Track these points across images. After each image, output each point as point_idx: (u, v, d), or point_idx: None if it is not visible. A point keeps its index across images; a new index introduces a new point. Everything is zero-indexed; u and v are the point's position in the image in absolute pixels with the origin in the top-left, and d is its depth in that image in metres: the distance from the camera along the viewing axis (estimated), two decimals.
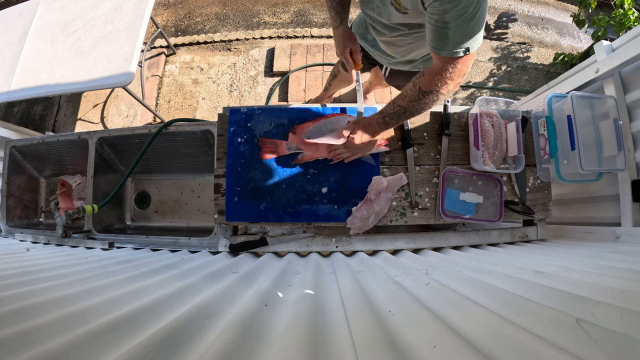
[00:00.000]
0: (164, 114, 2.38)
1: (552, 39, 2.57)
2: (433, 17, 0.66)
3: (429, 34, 0.71)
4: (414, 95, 0.79)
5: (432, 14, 0.66)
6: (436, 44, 0.69)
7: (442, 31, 0.66)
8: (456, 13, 0.63)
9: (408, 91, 0.81)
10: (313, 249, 1.07)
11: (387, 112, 0.88)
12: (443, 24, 0.65)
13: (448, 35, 0.66)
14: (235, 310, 0.54)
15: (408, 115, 0.86)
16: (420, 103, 0.80)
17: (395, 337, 0.45)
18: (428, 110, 0.83)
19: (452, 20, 0.64)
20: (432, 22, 0.67)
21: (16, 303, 0.52)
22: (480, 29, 0.67)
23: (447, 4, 0.62)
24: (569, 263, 0.73)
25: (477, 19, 0.64)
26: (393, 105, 0.86)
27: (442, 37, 0.67)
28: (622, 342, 0.35)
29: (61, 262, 0.91)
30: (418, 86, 0.78)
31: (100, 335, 0.43)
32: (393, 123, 0.90)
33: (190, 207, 1.66)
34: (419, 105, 0.81)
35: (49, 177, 1.75)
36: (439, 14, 0.64)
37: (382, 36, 0.97)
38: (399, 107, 0.85)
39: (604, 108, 1.03)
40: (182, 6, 2.78)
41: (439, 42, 0.69)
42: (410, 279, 0.70)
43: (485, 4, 0.64)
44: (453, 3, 0.62)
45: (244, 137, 1.07)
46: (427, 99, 0.78)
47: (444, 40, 0.68)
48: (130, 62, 1.56)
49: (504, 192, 1.05)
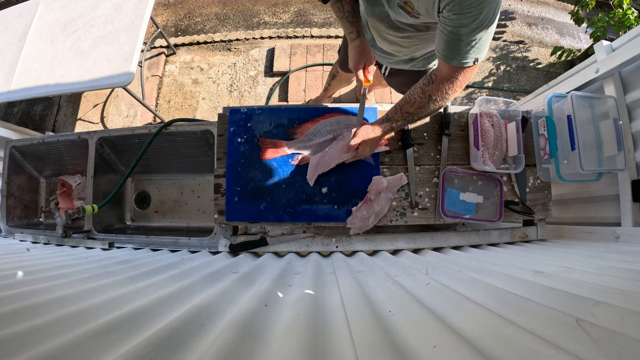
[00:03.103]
0: (164, 114, 2.38)
1: (552, 39, 2.57)
2: (447, 28, 0.67)
3: (440, 43, 0.71)
4: (423, 102, 0.81)
5: (446, 24, 0.66)
6: (447, 54, 0.70)
7: (455, 42, 0.67)
8: (472, 27, 0.64)
9: (416, 98, 0.82)
10: (313, 249, 1.07)
11: (395, 119, 0.89)
12: (457, 36, 0.66)
13: (460, 47, 0.67)
14: (235, 310, 0.54)
15: (414, 120, 0.89)
16: (429, 109, 0.83)
17: (395, 337, 0.45)
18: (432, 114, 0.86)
19: (466, 34, 0.65)
20: (445, 32, 0.68)
21: (16, 303, 0.52)
22: (489, 40, 0.68)
23: (465, 18, 0.63)
24: (569, 263, 0.73)
25: (489, 31, 0.65)
26: (401, 112, 0.87)
27: (454, 48, 0.68)
28: (622, 342, 0.35)
29: (61, 262, 0.91)
30: (428, 94, 0.79)
31: (100, 335, 0.43)
32: (399, 128, 0.94)
33: (190, 207, 1.66)
34: (427, 110, 0.84)
35: (49, 177, 1.75)
36: (455, 27, 0.65)
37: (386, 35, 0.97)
38: (407, 114, 0.86)
39: (604, 108, 1.03)
40: (182, 6, 2.78)
41: (451, 52, 0.70)
42: (410, 279, 0.70)
43: (497, 16, 0.65)
44: (471, 18, 0.62)
45: (244, 137, 1.07)
46: (435, 105, 0.81)
47: (455, 51, 0.69)
48: (130, 62, 1.56)
49: (504, 192, 1.05)
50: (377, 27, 0.95)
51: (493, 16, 0.63)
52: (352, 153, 0.96)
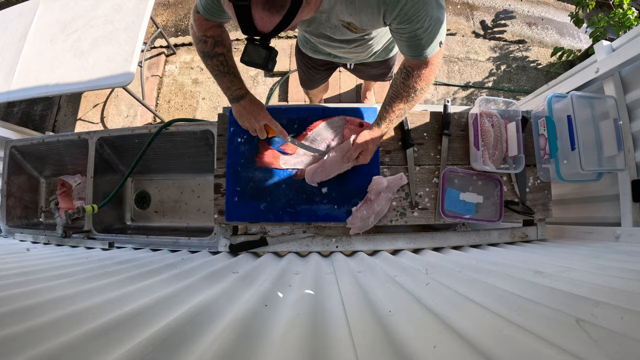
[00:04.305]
0: (164, 114, 2.38)
1: (552, 39, 2.57)
2: (404, 36, 0.69)
3: (403, 48, 0.73)
4: (410, 94, 0.82)
5: (401, 33, 0.69)
6: (414, 54, 0.72)
7: (417, 43, 0.69)
8: (426, 26, 0.66)
9: (402, 93, 0.82)
10: (313, 249, 1.07)
11: (390, 119, 0.89)
12: (416, 38, 0.68)
13: (423, 45, 0.69)
14: (235, 310, 0.54)
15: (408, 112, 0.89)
16: (417, 98, 0.83)
17: (395, 337, 0.45)
18: None
19: (423, 33, 0.67)
20: (404, 39, 0.70)
21: (16, 303, 0.52)
22: (445, 21, 0.69)
23: (416, 23, 0.65)
24: (569, 263, 0.73)
25: (442, 18, 0.67)
26: (393, 111, 0.87)
27: (417, 47, 0.70)
28: (622, 342, 0.35)
29: (61, 262, 0.91)
30: (412, 86, 0.80)
31: (100, 335, 0.43)
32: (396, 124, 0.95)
33: (190, 207, 1.66)
34: (416, 100, 0.84)
35: (49, 177, 1.75)
36: (410, 32, 0.67)
37: (338, 49, 0.97)
38: (400, 110, 0.86)
39: (604, 108, 1.03)
40: (182, 6, 2.78)
41: (416, 51, 0.72)
42: (410, 278, 0.70)
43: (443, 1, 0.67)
44: (422, 21, 0.64)
45: (243, 137, 1.06)
46: (422, 93, 0.82)
47: (420, 49, 0.71)
48: (130, 62, 1.55)
49: (504, 192, 1.05)
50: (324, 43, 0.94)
51: (438, 6, 0.65)
52: (352, 163, 0.96)
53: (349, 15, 0.70)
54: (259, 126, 0.93)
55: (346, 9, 0.68)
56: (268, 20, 0.53)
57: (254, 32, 0.55)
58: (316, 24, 0.80)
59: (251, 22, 0.53)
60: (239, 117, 0.95)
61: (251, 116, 0.92)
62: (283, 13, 0.52)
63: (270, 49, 0.64)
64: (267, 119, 0.93)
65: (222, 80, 0.88)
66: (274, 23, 0.54)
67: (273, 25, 0.54)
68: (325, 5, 0.68)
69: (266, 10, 0.51)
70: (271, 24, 0.54)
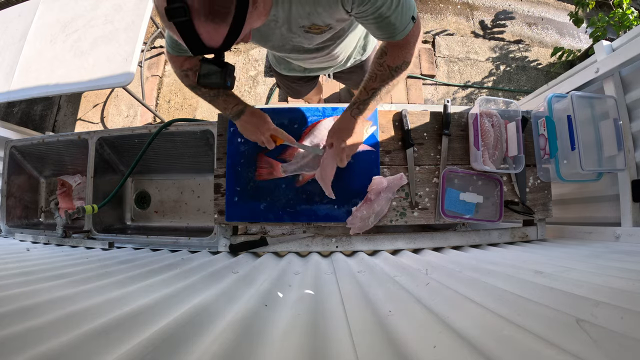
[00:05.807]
0: (164, 114, 2.38)
1: (552, 39, 2.57)
2: (369, 19, 0.66)
3: (374, 31, 0.70)
4: (385, 74, 0.77)
5: (365, 17, 0.66)
6: (387, 35, 0.69)
7: (386, 23, 0.66)
8: (388, 3, 0.62)
9: (377, 72, 0.77)
10: (313, 249, 1.07)
11: (361, 100, 0.81)
12: (382, 18, 0.65)
13: (393, 23, 0.66)
14: (235, 310, 0.54)
15: (383, 95, 0.81)
16: (393, 78, 0.77)
17: (395, 337, 0.45)
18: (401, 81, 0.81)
19: (388, 10, 0.63)
20: (370, 22, 0.67)
21: (16, 303, 0.52)
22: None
23: (376, 1, 0.61)
24: (569, 263, 0.73)
25: None
26: (366, 91, 0.80)
27: (388, 27, 0.67)
28: (622, 342, 0.35)
29: (61, 262, 0.91)
30: (386, 65, 0.76)
31: (100, 335, 0.43)
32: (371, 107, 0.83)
33: (190, 207, 1.66)
34: (393, 80, 0.78)
35: (49, 177, 1.75)
36: (374, 13, 0.64)
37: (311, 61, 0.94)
38: (372, 90, 0.79)
39: (604, 108, 1.03)
40: None
41: (389, 31, 0.68)
42: (410, 278, 0.70)
43: None
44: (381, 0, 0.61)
45: (243, 137, 1.06)
46: (399, 73, 0.77)
47: (391, 29, 0.67)
48: (130, 62, 1.55)
49: (504, 192, 1.05)
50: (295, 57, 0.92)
51: None
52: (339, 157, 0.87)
53: (308, 15, 0.67)
54: (266, 138, 0.91)
55: (303, 9, 0.65)
56: (214, 32, 0.48)
57: (204, 49, 0.51)
58: (280, 39, 0.78)
59: (197, 39, 0.48)
60: (244, 132, 0.93)
61: (256, 129, 0.90)
62: (229, 21, 0.48)
63: (226, 65, 0.60)
64: (272, 129, 0.91)
65: (217, 102, 0.87)
66: (222, 35, 0.49)
67: (222, 37, 0.50)
68: (280, 13, 0.66)
69: (209, 21, 0.47)
70: (219, 36, 0.49)
